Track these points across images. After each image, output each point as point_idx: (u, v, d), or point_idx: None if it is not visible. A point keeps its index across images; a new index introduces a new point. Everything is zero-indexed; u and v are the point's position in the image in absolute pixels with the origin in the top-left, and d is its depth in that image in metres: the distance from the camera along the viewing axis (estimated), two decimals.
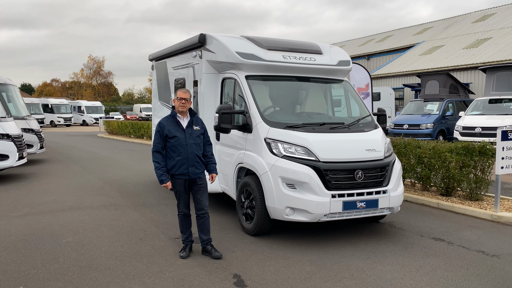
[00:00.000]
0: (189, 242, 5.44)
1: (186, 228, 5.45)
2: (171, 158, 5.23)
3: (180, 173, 5.21)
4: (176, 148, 5.19)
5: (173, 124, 5.25)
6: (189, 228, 5.45)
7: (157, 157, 5.24)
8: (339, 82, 7.43)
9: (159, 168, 5.20)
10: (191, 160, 5.22)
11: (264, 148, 5.93)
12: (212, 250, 5.36)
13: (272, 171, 5.72)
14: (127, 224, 6.87)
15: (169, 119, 5.30)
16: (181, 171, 5.20)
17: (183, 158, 5.18)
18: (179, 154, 5.18)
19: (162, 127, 5.22)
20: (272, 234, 6.21)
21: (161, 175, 5.18)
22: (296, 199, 5.56)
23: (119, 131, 28.89)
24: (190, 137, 5.25)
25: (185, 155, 5.19)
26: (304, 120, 6.50)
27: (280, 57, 6.84)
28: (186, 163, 5.19)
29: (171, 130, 5.20)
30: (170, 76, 9.47)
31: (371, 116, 6.94)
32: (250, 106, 6.31)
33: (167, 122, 5.27)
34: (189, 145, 5.21)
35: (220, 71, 7.32)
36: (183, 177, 5.23)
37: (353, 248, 5.71)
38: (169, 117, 5.33)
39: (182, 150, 5.18)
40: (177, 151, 5.19)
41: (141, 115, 57.54)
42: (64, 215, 7.43)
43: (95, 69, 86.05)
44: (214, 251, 5.35)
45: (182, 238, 5.47)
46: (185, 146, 5.19)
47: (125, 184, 10.47)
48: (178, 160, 5.18)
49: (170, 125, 5.23)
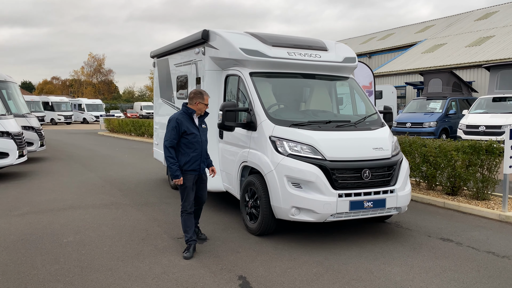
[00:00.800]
0: (193, 242, 5.37)
1: (190, 228, 5.38)
2: (185, 154, 5.29)
3: (193, 169, 5.33)
4: (192, 144, 5.29)
5: (189, 121, 5.35)
6: (193, 227, 5.41)
7: (171, 153, 5.26)
8: (344, 79, 7.30)
9: (174, 164, 5.24)
10: (203, 156, 5.44)
11: (269, 147, 5.80)
12: (199, 232, 5.76)
13: (277, 170, 5.60)
14: (129, 223, 6.75)
15: (184, 116, 5.35)
16: (194, 167, 5.33)
17: (198, 154, 5.34)
18: (195, 150, 5.31)
19: (180, 123, 5.25)
20: (277, 234, 6.09)
21: (176, 170, 5.23)
22: (302, 199, 5.44)
23: (119, 129, 28.77)
24: (203, 134, 5.46)
25: (200, 151, 5.36)
26: (310, 118, 6.37)
27: (284, 54, 6.71)
28: (199, 159, 5.37)
29: (189, 126, 5.29)
30: (172, 73, 9.33)
31: (377, 114, 6.81)
32: (254, 103, 6.19)
33: (184, 118, 5.33)
34: (203, 142, 5.43)
35: (224, 68, 7.19)
36: (194, 173, 5.36)
37: (360, 248, 5.59)
38: (184, 114, 5.37)
39: (198, 147, 5.33)
40: (193, 148, 5.30)
41: (141, 113, 57.34)
42: (65, 214, 7.32)
43: (96, 67, 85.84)
44: (200, 234, 5.77)
45: (186, 238, 5.39)
46: (200, 143, 5.36)
47: (127, 183, 10.35)
48: (193, 156, 5.30)
49: (187, 122, 5.31)
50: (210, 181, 7.24)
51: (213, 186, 7.32)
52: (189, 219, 5.39)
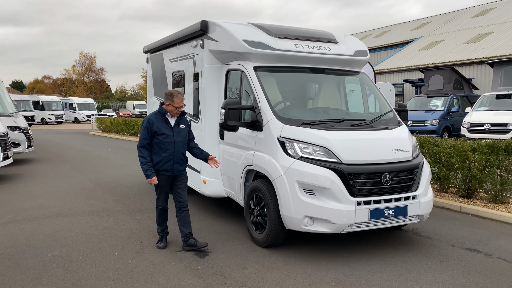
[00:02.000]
0: (164, 234, 5.61)
1: (163, 221, 5.57)
2: (157, 154, 5.26)
3: (165, 169, 5.28)
4: (163, 145, 5.24)
5: (161, 121, 5.27)
6: (165, 221, 5.60)
7: (143, 152, 5.25)
8: (355, 74, 6.71)
9: (145, 163, 5.22)
10: (176, 157, 5.31)
11: (278, 149, 5.21)
12: (196, 242, 5.42)
13: (288, 174, 5.00)
14: (122, 233, 6.12)
15: (157, 116, 5.31)
16: (166, 167, 5.27)
17: (170, 155, 5.26)
18: (166, 151, 5.24)
19: (151, 123, 5.22)
20: (286, 245, 5.50)
21: (147, 170, 5.20)
22: (316, 207, 4.85)
23: (111, 129, 28.02)
24: (177, 135, 5.32)
25: (172, 152, 5.26)
26: (321, 117, 5.78)
27: (292, 46, 6.11)
28: (171, 160, 5.27)
29: (160, 127, 5.23)
30: (167, 69, 8.70)
31: (393, 111, 6.24)
32: (260, 100, 5.58)
33: (156, 118, 5.28)
34: (176, 143, 5.29)
35: (224, 62, 6.58)
36: (167, 173, 5.30)
37: (380, 262, 5.01)
38: (158, 114, 5.32)
39: (170, 148, 5.25)
40: (164, 148, 5.24)
41: (134, 112, 56.51)
42: (51, 223, 6.67)
43: (87, 66, 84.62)
44: (198, 243, 5.41)
45: (158, 230, 5.60)
46: (172, 144, 5.26)
47: (119, 186, 9.70)
48: (164, 157, 5.24)
49: (159, 122, 5.25)
50: (210, 186, 6.69)
51: (213, 191, 6.72)
52: (163, 214, 5.52)
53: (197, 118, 7.07)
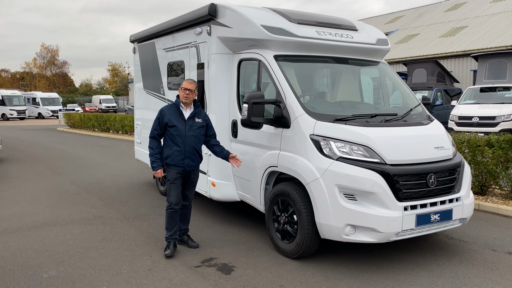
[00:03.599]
0: (172, 239, 5.12)
1: (173, 226, 5.11)
2: (168, 147, 5.05)
3: (175, 164, 5.02)
4: (174, 138, 5.00)
5: (175, 113, 5.04)
6: (176, 225, 5.13)
7: (152, 143, 5.07)
8: (376, 64, 6.18)
9: (153, 155, 5.04)
10: (188, 152, 5.03)
11: (311, 148, 4.60)
12: (189, 240, 5.32)
13: (326, 178, 4.40)
14: (124, 245, 5.38)
15: (171, 108, 5.10)
16: (176, 162, 5.01)
17: (181, 149, 5.00)
18: (177, 144, 5.00)
19: (163, 115, 5.03)
20: (316, 255, 4.92)
21: (153, 161, 5.03)
22: (361, 215, 4.28)
23: (81, 125, 26.61)
24: (190, 128, 5.04)
25: (183, 146, 5.00)
26: (351, 111, 5.21)
27: (314, 33, 5.51)
28: (182, 154, 5.01)
29: (171, 119, 5.00)
30: (160, 59, 7.91)
31: (421, 105, 5.75)
32: (285, 94, 4.95)
33: (169, 110, 5.07)
34: (188, 136, 5.02)
35: (236, 51, 5.90)
36: (177, 168, 5.03)
37: (428, 273, 4.50)
38: (172, 106, 5.12)
39: (180, 141, 5.00)
40: (175, 141, 5.01)
41: (100, 107, 54.61)
42: (38, 235, 5.83)
43: (49, 59, 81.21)
44: (190, 241, 5.30)
45: (166, 235, 5.12)
46: (184, 137, 5.00)
47: (105, 189, 8.85)
48: (175, 150, 5.00)
49: (171, 114, 5.03)
50: (220, 189, 6.03)
51: (224, 194, 6.06)
52: (173, 216, 5.09)
53: None
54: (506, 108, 14.58)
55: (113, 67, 79.94)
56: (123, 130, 22.50)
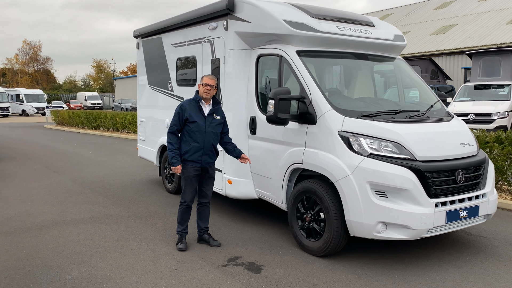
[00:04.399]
0: (184, 233, 5.19)
1: (185, 220, 5.18)
2: (187, 143, 4.99)
3: (193, 160, 4.98)
4: (194, 133, 4.95)
5: (195, 108, 4.99)
6: (187, 220, 5.21)
7: (171, 139, 5.00)
8: (392, 61, 6.15)
9: (172, 150, 4.96)
10: (206, 148, 5.00)
11: (340, 145, 4.54)
12: (210, 239, 5.27)
13: (357, 175, 4.35)
14: (144, 245, 5.25)
15: (191, 103, 5.03)
16: (194, 158, 4.97)
17: (200, 145, 4.96)
18: (196, 140, 4.96)
19: (183, 110, 4.96)
20: (341, 251, 4.87)
21: (172, 157, 4.95)
22: (393, 212, 4.24)
23: (70, 122, 26.14)
24: (209, 125, 5.01)
25: (202, 142, 4.97)
26: (376, 107, 5.17)
27: (334, 28, 5.45)
28: (201, 150, 4.97)
29: (192, 114, 4.94)
30: (168, 54, 7.77)
31: (440, 102, 5.75)
32: (310, 90, 4.88)
33: (189, 105, 5.01)
34: (207, 133, 4.98)
35: (254, 46, 5.80)
36: (195, 164, 4.99)
37: (457, 269, 4.50)
38: (192, 101, 5.04)
39: (200, 137, 4.96)
40: (195, 137, 4.96)
41: (86, 104, 53.81)
42: (51, 235, 5.66)
43: (31, 55, 79.65)
44: (212, 240, 5.25)
45: (178, 229, 5.18)
46: (203, 134, 4.96)
47: (109, 187, 8.67)
48: (194, 146, 4.95)
49: (192, 109, 4.97)
50: (237, 186, 5.94)
51: (241, 192, 5.97)
52: (186, 212, 5.14)
53: None
54: (501, 105, 14.78)
55: (98, 63, 78.88)
56: (114, 127, 22.17)
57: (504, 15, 25.54)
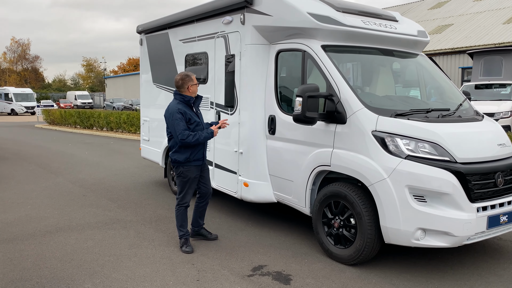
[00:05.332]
0: (188, 236, 5.09)
1: (186, 222, 5.08)
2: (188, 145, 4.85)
3: (197, 159, 4.96)
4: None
5: (189, 109, 4.91)
6: (187, 221, 5.11)
7: (189, 135, 4.74)
8: (414, 57, 5.88)
9: (195, 135, 4.77)
10: (205, 144, 5.06)
11: (374, 146, 4.25)
12: (208, 233, 5.33)
13: (394, 178, 4.06)
14: (158, 252, 4.91)
15: (183, 104, 4.89)
16: (198, 156, 4.96)
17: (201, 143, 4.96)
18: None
19: (184, 113, 4.82)
20: (371, 259, 4.58)
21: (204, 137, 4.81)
22: (434, 218, 3.95)
23: (62, 121, 25.56)
24: (202, 120, 5.06)
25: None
26: (408, 106, 4.89)
27: (360, 22, 5.17)
28: (202, 148, 5.02)
29: (191, 115, 4.88)
30: (175, 51, 7.42)
31: (467, 100, 5.49)
32: (339, 87, 4.58)
33: (185, 107, 4.88)
34: (204, 128, 5.00)
35: (273, 41, 5.49)
36: (198, 162, 4.98)
37: (498, 278, 4.23)
38: (182, 103, 4.90)
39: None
40: None
41: (76, 103, 53.00)
42: (56, 242, 5.29)
43: (20, 53, 78.37)
44: (209, 234, 5.33)
45: (181, 233, 5.03)
46: (202, 130, 4.94)
47: (112, 189, 8.29)
48: (197, 146, 4.92)
49: (188, 110, 4.89)
50: (254, 189, 5.63)
51: (258, 195, 5.65)
52: (185, 213, 5.05)
53: (232, 109, 5.93)
54: (504, 105, 14.64)
55: (88, 62, 77.87)
56: (108, 127, 21.70)
57: (500, 15, 25.56)
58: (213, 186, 6.48)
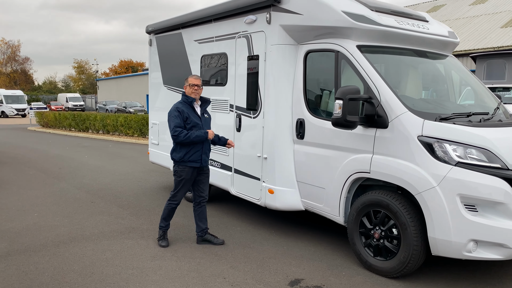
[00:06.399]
0: (167, 229, 5.27)
1: (171, 217, 5.27)
2: (186, 145, 4.93)
3: (193, 160, 4.99)
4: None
5: (190, 109, 4.98)
6: (172, 217, 5.30)
7: (182, 133, 4.83)
8: (444, 58, 5.67)
9: (190, 134, 4.84)
10: (205, 147, 5.06)
11: (421, 152, 4.00)
12: (213, 238, 5.28)
13: (444, 186, 3.82)
14: (185, 264, 4.60)
15: (184, 105, 4.99)
16: (194, 158, 4.98)
17: (199, 144, 4.98)
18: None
19: (181, 112, 4.90)
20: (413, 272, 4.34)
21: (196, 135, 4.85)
22: (488, 228, 3.72)
23: (56, 124, 25.04)
24: (205, 124, 5.08)
25: (201, 143, 4.98)
26: (448, 109, 4.67)
27: (394, 22, 4.95)
28: (200, 150, 5.00)
29: (190, 115, 4.93)
30: (190, 51, 7.13)
31: (502, 105, 5.29)
32: (379, 89, 4.34)
33: (184, 106, 4.97)
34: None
35: (301, 41, 5.24)
36: (194, 164, 5.00)
37: None
38: (184, 103, 5.01)
39: None
40: None
41: (67, 105, 52.29)
42: (72, 253, 4.96)
43: (9, 54, 77.19)
44: (215, 239, 5.27)
45: (162, 224, 5.22)
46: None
47: (120, 195, 7.96)
48: (194, 147, 4.95)
49: (189, 111, 4.95)
50: (280, 196, 5.36)
51: (285, 203, 5.38)
52: (173, 210, 5.19)
53: (255, 113, 5.66)
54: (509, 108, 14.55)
55: (79, 64, 77.03)
56: (104, 129, 21.28)
57: (498, 19, 25.64)
58: (232, 193, 6.21)
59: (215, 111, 6.49)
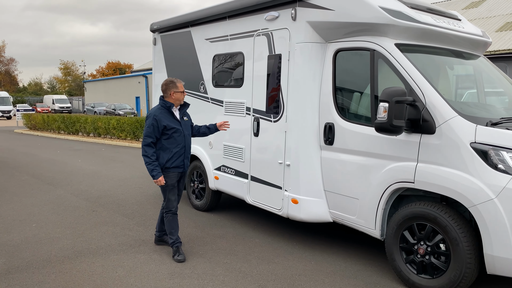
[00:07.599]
0: (179, 243, 4.96)
1: (177, 229, 5.00)
2: (167, 151, 4.83)
3: (176, 166, 4.89)
4: (174, 140, 4.84)
5: (168, 115, 4.85)
6: (178, 228, 5.04)
7: (148, 151, 4.75)
8: (477, 58, 5.34)
9: (150, 163, 4.75)
10: (187, 152, 4.99)
11: (474, 160, 3.64)
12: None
13: (504, 198, 3.46)
14: (207, 283, 4.17)
15: (162, 111, 4.85)
16: (177, 163, 4.89)
17: (181, 149, 4.90)
18: (177, 145, 4.86)
19: (158, 120, 4.76)
20: None
21: (152, 170, 4.75)
22: None
23: (44, 126, 24.31)
24: (185, 128, 4.98)
25: (183, 147, 4.91)
26: (494, 113, 4.33)
27: (431, 20, 4.61)
28: (183, 154, 4.94)
29: (168, 122, 4.81)
30: (200, 51, 6.70)
31: None
32: (424, 91, 3.97)
33: (162, 113, 4.83)
34: (186, 136, 4.96)
35: (330, 39, 4.86)
36: (177, 170, 4.91)
37: None
38: (162, 108, 4.87)
39: (181, 142, 4.89)
40: (175, 143, 4.85)
41: (54, 107, 51.26)
42: (80, 270, 4.49)
43: None
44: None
45: (172, 240, 4.94)
46: (183, 138, 4.91)
47: (122, 203, 7.47)
48: (176, 152, 4.86)
49: (165, 117, 4.82)
50: (306, 207, 4.97)
51: (311, 214, 4.99)
52: (174, 220, 4.97)
53: (276, 116, 5.26)
54: None
55: (65, 65, 75.75)
56: (95, 132, 20.67)
57: (492, 23, 25.67)
58: (248, 201, 5.80)
59: (229, 114, 6.08)
